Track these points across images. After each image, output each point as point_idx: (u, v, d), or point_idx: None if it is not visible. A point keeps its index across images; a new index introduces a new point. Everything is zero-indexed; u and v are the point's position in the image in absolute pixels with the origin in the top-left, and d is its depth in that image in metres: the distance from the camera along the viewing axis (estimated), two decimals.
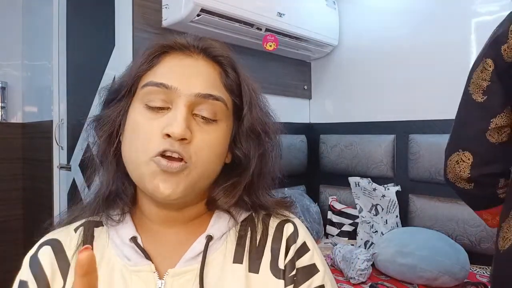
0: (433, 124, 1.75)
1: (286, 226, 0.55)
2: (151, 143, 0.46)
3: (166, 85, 0.47)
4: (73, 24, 1.96)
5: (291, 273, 0.52)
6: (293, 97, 2.24)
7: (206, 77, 0.50)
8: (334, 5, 2.09)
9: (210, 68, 0.51)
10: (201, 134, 0.48)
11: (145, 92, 0.48)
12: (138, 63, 0.51)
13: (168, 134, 0.45)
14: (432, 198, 1.72)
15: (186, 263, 0.49)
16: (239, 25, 1.64)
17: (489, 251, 1.53)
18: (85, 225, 0.54)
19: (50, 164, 2.02)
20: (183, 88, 0.47)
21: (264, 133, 0.54)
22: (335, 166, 2.12)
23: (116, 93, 0.52)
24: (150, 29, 1.55)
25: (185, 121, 0.46)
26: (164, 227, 0.53)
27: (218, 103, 0.49)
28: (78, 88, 1.93)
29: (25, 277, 0.50)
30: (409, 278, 1.38)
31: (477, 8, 1.64)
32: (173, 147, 0.45)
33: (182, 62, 0.50)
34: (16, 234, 2.27)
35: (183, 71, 0.49)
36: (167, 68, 0.50)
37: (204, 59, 0.52)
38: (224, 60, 0.53)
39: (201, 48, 0.52)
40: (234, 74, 0.53)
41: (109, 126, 0.52)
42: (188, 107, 0.47)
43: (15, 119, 2.35)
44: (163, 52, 0.51)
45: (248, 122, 0.53)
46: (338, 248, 1.57)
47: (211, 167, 0.50)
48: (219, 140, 0.50)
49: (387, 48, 1.94)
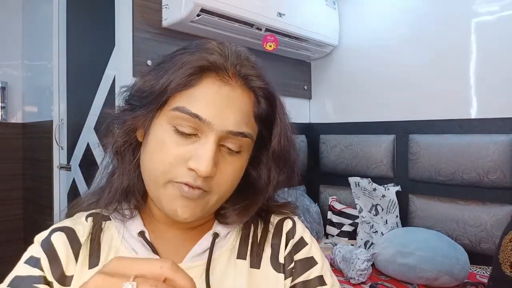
0: (433, 124, 1.75)
1: (286, 222, 0.58)
2: (175, 170, 0.46)
3: (200, 117, 0.45)
4: (73, 24, 1.96)
5: (290, 266, 0.54)
6: (293, 97, 2.24)
7: (240, 112, 0.48)
8: (334, 5, 2.09)
9: (246, 99, 0.49)
10: (224, 166, 0.48)
11: (176, 115, 0.46)
12: (173, 76, 0.47)
13: (193, 169, 0.45)
14: (432, 198, 1.72)
15: (192, 259, 0.51)
16: (239, 25, 1.64)
17: (489, 251, 1.53)
18: (94, 216, 0.54)
19: (50, 164, 2.02)
20: (216, 123, 0.46)
21: (286, 163, 0.54)
22: (335, 166, 2.12)
23: (142, 99, 0.49)
24: (150, 29, 1.55)
25: (213, 160, 0.45)
26: (171, 227, 0.54)
27: (246, 139, 0.49)
28: (78, 88, 1.93)
29: (37, 254, 0.48)
30: (409, 278, 1.38)
31: (477, 8, 1.64)
32: (196, 183, 0.45)
33: (220, 91, 0.47)
34: (16, 234, 2.27)
35: (219, 103, 0.47)
36: (203, 99, 0.46)
37: (241, 88, 0.49)
38: (261, 91, 0.50)
39: (241, 76, 0.49)
40: (268, 105, 0.51)
41: (131, 127, 0.51)
42: (217, 142, 0.46)
43: (15, 119, 2.35)
44: (201, 72, 0.47)
45: (275, 154, 0.53)
46: (338, 248, 1.57)
47: (229, 192, 0.51)
48: (241, 169, 0.51)
49: (387, 48, 1.94)
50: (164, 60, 0.51)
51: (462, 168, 1.61)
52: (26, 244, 0.51)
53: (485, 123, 1.61)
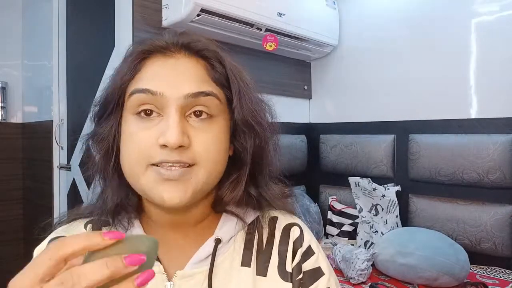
0: (433, 124, 1.75)
1: (293, 229, 0.56)
2: (147, 153, 0.45)
3: (151, 91, 0.45)
4: (73, 24, 1.96)
5: (298, 277, 0.53)
6: (293, 97, 2.24)
7: (192, 75, 0.47)
8: (334, 5, 2.09)
9: (195, 64, 0.49)
10: (199, 134, 0.46)
11: (133, 100, 0.46)
12: (121, 73, 0.49)
13: (164, 144, 0.43)
14: (432, 198, 1.72)
15: (194, 265, 0.50)
16: (239, 25, 1.64)
17: (489, 251, 1.53)
18: (93, 223, 0.54)
19: (50, 164, 2.02)
20: (170, 92, 0.45)
21: (257, 124, 0.51)
22: (335, 166, 2.12)
23: (105, 108, 0.50)
24: (150, 29, 1.54)
25: (178, 127, 0.44)
26: (172, 230, 0.52)
27: (210, 98, 0.47)
28: (78, 88, 1.93)
29: None
30: (409, 278, 1.38)
31: (477, 8, 1.64)
32: (172, 158, 0.44)
33: (164, 65, 0.48)
34: (16, 234, 2.27)
35: (166, 74, 0.47)
36: (149, 74, 0.47)
37: (186, 56, 0.49)
38: (208, 53, 0.50)
39: (181, 45, 0.49)
40: (220, 66, 0.50)
41: (104, 143, 0.50)
42: (179, 111, 0.45)
43: (15, 119, 2.35)
44: (143, 58, 0.49)
45: (239, 115, 0.50)
46: (338, 248, 1.57)
47: (216, 165, 0.48)
48: (219, 136, 0.48)
49: (387, 48, 1.95)
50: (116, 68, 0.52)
51: (462, 168, 1.61)
52: (26, 244, 0.51)
53: (485, 123, 1.60)
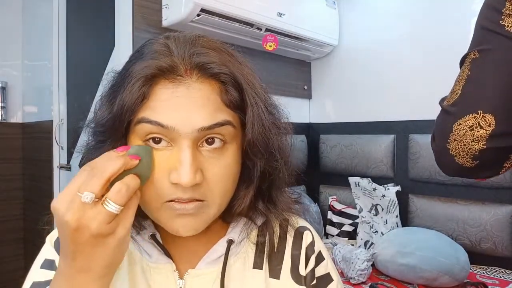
0: (433, 124, 1.74)
1: (305, 234, 0.57)
2: (162, 192, 0.43)
3: (162, 124, 0.41)
4: (73, 24, 1.96)
5: (312, 282, 0.53)
6: (293, 97, 2.24)
7: (205, 104, 0.43)
8: (334, 5, 2.09)
9: (208, 90, 0.43)
10: (211, 168, 0.44)
11: (141, 129, 0.43)
12: (127, 97, 0.43)
13: (176, 183, 0.42)
14: (432, 198, 1.72)
15: (207, 265, 0.50)
16: (239, 25, 1.64)
17: (489, 251, 1.53)
18: None
19: (50, 164, 2.02)
20: (182, 126, 0.41)
21: (266, 152, 0.48)
22: (335, 166, 2.12)
23: (106, 132, 0.46)
24: (150, 29, 1.55)
25: (193, 166, 0.41)
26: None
27: (224, 127, 0.44)
28: (78, 88, 1.93)
29: (50, 256, 0.48)
30: (409, 278, 1.38)
31: (477, 8, 1.62)
32: (185, 195, 0.42)
33: (175, 93, 0.42)
34: (16, 234, 2.27)
35: (178, 105, 0.42)
36: (158, 103, 0.42)
37: (199, 81, 0.43)
38: (224, 77, 0.44)
39: (195, 67, 0.43)
40: (236, 90, 0.45)
41: None
42: (192, 146, 0.42)
43: (15, 119, 2.35)
44: (151, 84, 0.43)
45: (250, 142, 0.47)
46: (338, 248, 1.57)
47: (228, 194, 0.47)
48: (231, 165, 0.46)
49: (387, 48, 1.94)
50: (115, 78, 0.48)
51: None
52: (26, 244, 0.51)
53: None
